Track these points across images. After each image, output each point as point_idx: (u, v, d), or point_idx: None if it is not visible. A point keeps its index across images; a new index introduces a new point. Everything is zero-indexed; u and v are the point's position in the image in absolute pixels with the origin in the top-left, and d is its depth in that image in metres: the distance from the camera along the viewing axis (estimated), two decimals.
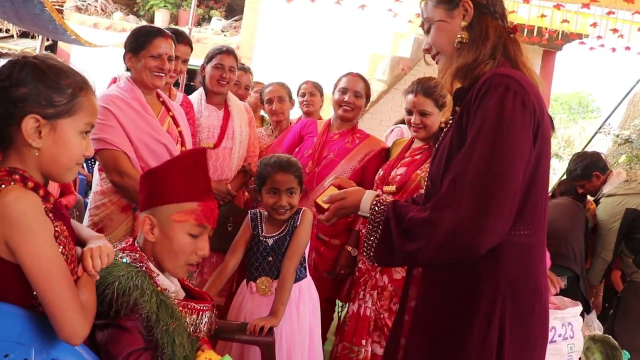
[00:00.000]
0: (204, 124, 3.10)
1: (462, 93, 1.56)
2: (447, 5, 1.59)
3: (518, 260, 1.43)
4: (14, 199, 1.19)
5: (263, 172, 2.46)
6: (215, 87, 3.14)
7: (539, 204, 1.46)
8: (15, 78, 1.24)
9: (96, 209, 2.55)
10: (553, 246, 3.45)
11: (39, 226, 1.21)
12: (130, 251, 1.56)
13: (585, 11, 6.34)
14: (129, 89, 2.55)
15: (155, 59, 2.53)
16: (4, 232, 1.18)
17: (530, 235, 1.44)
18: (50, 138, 1.27)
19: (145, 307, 1.42)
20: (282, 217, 2.42)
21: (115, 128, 2.44)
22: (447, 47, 1.60)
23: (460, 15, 1.58)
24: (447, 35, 1.59)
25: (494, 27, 1.57)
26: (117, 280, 1.42)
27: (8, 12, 5.36)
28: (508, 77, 1.42)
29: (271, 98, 3.72)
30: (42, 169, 1.30)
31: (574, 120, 23.34)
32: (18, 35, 9.46)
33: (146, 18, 10.27)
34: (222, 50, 3.16)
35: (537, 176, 1.43)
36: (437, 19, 1.60)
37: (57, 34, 6.57)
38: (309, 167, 3.02)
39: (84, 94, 1.32)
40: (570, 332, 2.62)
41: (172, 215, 1.53)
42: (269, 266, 2.41)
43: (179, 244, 1.55)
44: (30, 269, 1.20)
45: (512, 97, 1.38)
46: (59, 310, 1.21)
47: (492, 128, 1.36)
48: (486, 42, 1.54)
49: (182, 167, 1.55)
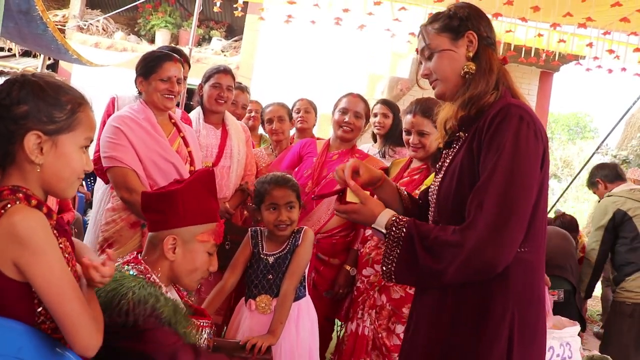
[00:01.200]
0: (203, 143, 3.13)
1: (467, 120, 1.61)
2: (452, 35, 1.64)
3: (524, 275, 1.51)
4: (21, 219, 1.20)
5: (261, 190, 2.49)
6: (213, 106, 3.18)
7: (541, 223, 1.54)
8: (16, 96, 1.26)
9: (107, 225, 2.66)
10: (551, 259, 3.56)
11: (48, 244, 1.23)
12: (135, 264, 1.59)
13: (582, 32, 6.40)
14: (141, 110, 2.67)
15: (165, 82, 2.65)
16: (13, 251, 1.19)
17: (532, 253, 1.52)
18: (52, 154, 1.29)
19: (164, 312, 1.47)
20: (284, 232, 2.43)
21: (126, 147, 2.54)
22: (451, 76, 1.65)
23: (464, 45, 1.63)
24: (452, 64, 1.64)
25: (495, 59, 1.65)
26: (130, 290, 1.46)
27: (12, 32, 5.42)
28: (521, 109, 1.51)
29: (271, 118, 3.76)
30: (44, 185, 1.32)
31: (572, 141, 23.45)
32: (20, 54, 9.54)
33: (147, 38, 10.36)
34: (219, 70, 3.21)
35: (540, 198, 1.52)
36: (443, 48, 1.64)
37: (59, 53, 6.64)
38: (309, 187, 3.03)
39: (82, 109, 1.34)
40: (569, 352, 2.62)
41: (197, 236, 1.61)
42: (269, 284, 2.42)
43: (201, 261, 1.65)
44: (43, 286, 1.21)
45: (526, 127, 1.48)
46: (74, 325, 1.23)
47: (510, 157, 1.45)
48: (491, 74, 1.61)
49: (200, 190, 1.62)
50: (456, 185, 1.57)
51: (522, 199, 1.45)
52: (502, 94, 1.60)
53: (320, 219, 2.99)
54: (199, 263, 1.64)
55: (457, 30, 1.63)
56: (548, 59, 6.88)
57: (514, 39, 6.31)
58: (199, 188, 1.63)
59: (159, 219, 1.62)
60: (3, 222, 1.19)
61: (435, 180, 1.73)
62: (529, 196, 1.47)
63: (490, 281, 1.48)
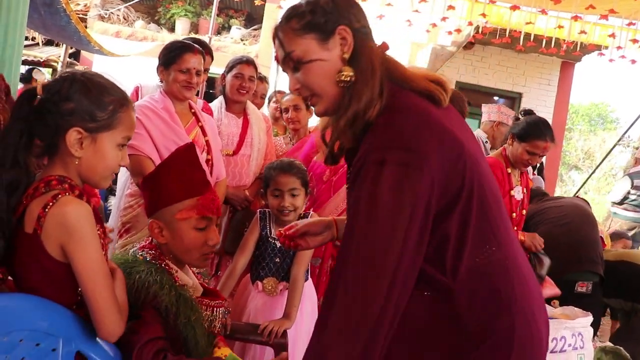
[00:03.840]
0: (224, 131, 3.19)
1: (355, 137, 1.30)
2: (319, 35, 1.30)
3: (484, 284, 1.27)
4: (72, 210, 1.32)
5: (267, 176, 2.55)
6: (235, 96, 3.23)
7: (485, 226, 1.29)
8: (65, 93, 1.36)
9: (125, 210, 2.75)
10: (584, 253, 3.56)
11: (92, 235, 1.34)
12: (149, 249, 1.63)
13: (604, 22, 6.32)
14: (160, 99, 2.75)
15: (184, 73, 2.70)
16: (61, 237, 1.31)
17: (491, 255, 1.28)
18: (91, 149, 1.39)
19: (164, 300, 1.49)
20: (287, 218, 2.47)
21: (143, 135, 2.60)
22: (329, 88, 1.32)
23: (337, 45, 1.30)
24: (324, 73, 1.31)
25: (374, 52, 1.33)
26: (138, 274, 1.51)
27: (36, 23, 5.54)
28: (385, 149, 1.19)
29: (288, 107, 3.80)
30: (81, 176, 1.42)
31: (593, 132, 23.16)
32: (43, 43, 9.69)
33: (167, 26, 10.45)
34: (242, 60, 3.26)
35: (472, 207, 1.26)
36: (311, 57, 1.30)
37: (82, 44, 6.77)
38: (326, 176, 3.08)
39: (124, 110, 1.43)
40: (581, 342, 2.63)
41: (175, 215, 1.59)
42: (276, 267, 2.49)
43: (189, 239, 1.61)
44: (82, 273, 1.32)
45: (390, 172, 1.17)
46: (103, 312, 1.33)
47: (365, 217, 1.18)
48: (374, 76, 1.28)
49: (175, 167, 1.61)
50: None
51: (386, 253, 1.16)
52: (387, 103, 1.27)
53: (338, 207, 3.03)
54: (188, 241, 1.60)
55: (324, 28, 1.29)
56: (569, 49, 6.81)
57: (534, 29, 6.26)
58: (175, 166, 1.62)
59: (145, 204, 1.66)
60: (55, 211, 1.31)
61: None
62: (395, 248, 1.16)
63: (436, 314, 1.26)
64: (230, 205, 3.12)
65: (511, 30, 6.50)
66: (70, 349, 1.31)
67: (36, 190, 1.35)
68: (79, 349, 1.33)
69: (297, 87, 1.36)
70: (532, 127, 3.11)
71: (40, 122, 1.37)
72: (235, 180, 3.17)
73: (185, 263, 1.69)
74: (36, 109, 1.37)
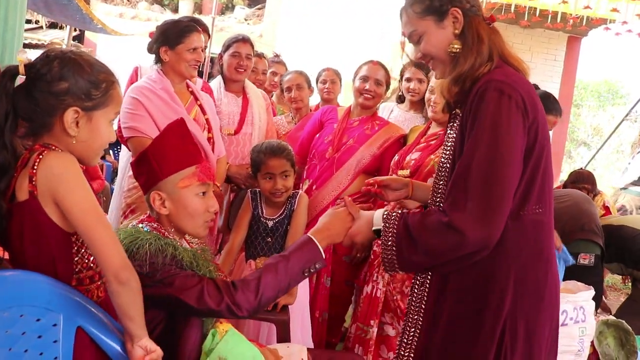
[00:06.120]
0: (224, 110, 3.20)
1: (461, 96, 1.61)
2: (435, 17, 1.61)
3: (530, 234, 1.54)
4: (55, 159, 1.33)
5: (256, 159, 2.60)
6: (233, 75, 3.24)
7: (546, 185, 1.56)
8: (57, 73, 1.36)
9: (129, 191, 2.80)
10: (585, 224, 3.67)
11: (80, 178, 1.35)
12: (148, 222, 1.67)
13: None
14: (158, 80, 2.75)
15: (192, 52, 2.73)
16: (51, 188, 1.32)
17: (540, 214, 1.54)
18: (86, 128, 1.40)
19: (184, 258, 1.56)
20: (280, 199, 2.57)
21: (145, 117, 2.63)
22: (442, 55, 1.64)
23: (450, 24, 1.61)
24: (439, 45, 1.63)
25: (482, 27, 1.61)
26: (147, 242, 1.55)
27: (37, 3, 5.54)
28: (501, 82, 1.50)
29: (290, 86, 3.80)
30: (74, 154, 1.41)
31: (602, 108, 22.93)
32: (47, 27, 9.67)
33: (170, 7, 10.40)
34: (238, 39, 3.26)
35: (541, 164, 1.53)
36: (429, 34, 1.62)
37: (84, 23, 6.75)
38: (329, 153, 3.07)
39: (114, 87, 1.45)
40: (582, 316, 2.65)
41: (177, 184, 1.64)
42: (268, 246, 2.57)
43: (193, 206, 1.66)
44: (78, 215, 1.32)
45: (507, 100, 1.47)
46: (106, 248, 1.33)
47: (490, 134, 1.46)
48: (482, 47, 1.58)
49: (170, 141, 1.66)
50: (450, 166, 1.61)
51: (506, 174, 1.45)
52: (497, 64, 1.58)
53: (340, 184, 3.03)
54: (192, 208, 1.66)
55: (440, 10, 1.60)
56: (575, 24, 6.74)
57: (538, 4, 6.19)
58: (169, 138, 1.66)
59: (143, 181, 1.69)
60: (41, 166, 1.32)
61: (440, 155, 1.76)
62: (512, 170, 1.47)
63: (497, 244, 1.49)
64: (234, 183, 3.13)
65: (516, 5, 6.43)
66: (71, 324, 1.33)
67: (22, 160, 1.36)
68: (80, 324, 1.36)
69: (419, 55, 1.68)
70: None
71: (29, 103, 1.36)
72: (238, 159, 3.18)
73: (188, 232, 1.73)
74: (25, 90, 1.37)
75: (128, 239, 1.56)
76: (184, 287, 1.51)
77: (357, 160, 3.03)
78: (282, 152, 2.57)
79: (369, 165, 3.03)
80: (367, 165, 3.03)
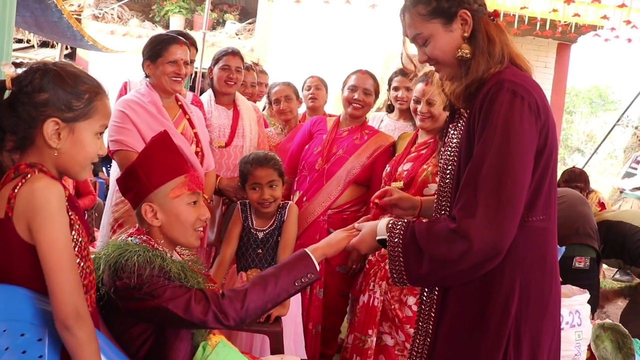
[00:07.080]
0: (215, 123, 3.19)
1: (468, 97, 1.54)
2: (443, 19, 1.52)
3: (535, 242, 1.50)
4: (41, 187, 1.30)
5: (244, 170, 2.60)
6: (223, 88, 3.24)
7: (551, 193, 1.53)
8: (37, 84, 1.34)
9: (116, 206, 2.77)
10: (580, 227, 3.69)
11: (59, 215, 1.31)
12: (137, 235, 1.67)
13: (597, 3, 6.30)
14: (146, 93, 2.75)
15: (172, 64, 2.71)
16: (28, 215, 1.29)
17: (545, 221, 1.51)
18: (69, 140, 1.38)
19: (172, 269, 1.56)
20: (268, 209, 2.55)
21: (131, 130, 2.62)
22: (449, 60, 1.56)
23: (458, 27, 1.52)
24: (447, 48, 1.54)
25: (491, 27, 1.54)
26: (135, 254, 1.54)
27: (28, 22, 5.54)
28: (514, 83, 1.44)
29: (278, 98, 3.78)
30: (59, 167, 1.40)
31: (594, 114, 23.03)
32: (38, 45, 9.70)
33: (162, 24, 10.43)
34: (227, 52, 3.26)
35: (549, 169, 1.50)
36: (436, 38, 1.54)
37: (76, 40, 6.75)
38: (319, 164, 3.07)
39: (99, 98, 1.42)
40: (578, 320, 2.64)
41: (168, 195, 1.65)
42: (259, 258, 2.56)
43: (185, 215, 1.68)
44: (45, 252, 1.29)
45: (520, 101, 1.41)
46: (61, 292, 1.29)
47: (502, 136, 1.40)
48: (494, 48, 1.51)
49: (157, 154, 1.67)
50: (457, 168, 1.55)
51: (519, 179, 1.40)
52: (506, 65, 1.52)
53: (331, 195, 3.03)
54: (184, 217, 1.68)
55: (448, 12, 1.51)
56: (564, 31, 6.79)
57: (528, 12, 6.24)
58: (155, 151, 1.67)
59: (132, 195, 1.69)
60: (24, 189, 1.29)
61: (441, 157, 1.71)
62: (525, 174, 1.41)
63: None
64: (225, 196, 3.12)
65: (505, 14, 6.47)
66: (57, 339, 1.31)
67: (7, 177, 1.34)
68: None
69: (424, 58, 1.59)
70: None
71: (12, 116, 1.35)
72: (229, 172, 3.17)
73: (180, 242, 1.73)
74: (8, 103, 1.36)
75: (117, 251, 1.55)
76: (172, 298, 1.51)
77: (347, 170, 3.02)
78: (268, 162, 2.56)
79: (360, 176, 3.03)
80: (357, 176, 3.02)
